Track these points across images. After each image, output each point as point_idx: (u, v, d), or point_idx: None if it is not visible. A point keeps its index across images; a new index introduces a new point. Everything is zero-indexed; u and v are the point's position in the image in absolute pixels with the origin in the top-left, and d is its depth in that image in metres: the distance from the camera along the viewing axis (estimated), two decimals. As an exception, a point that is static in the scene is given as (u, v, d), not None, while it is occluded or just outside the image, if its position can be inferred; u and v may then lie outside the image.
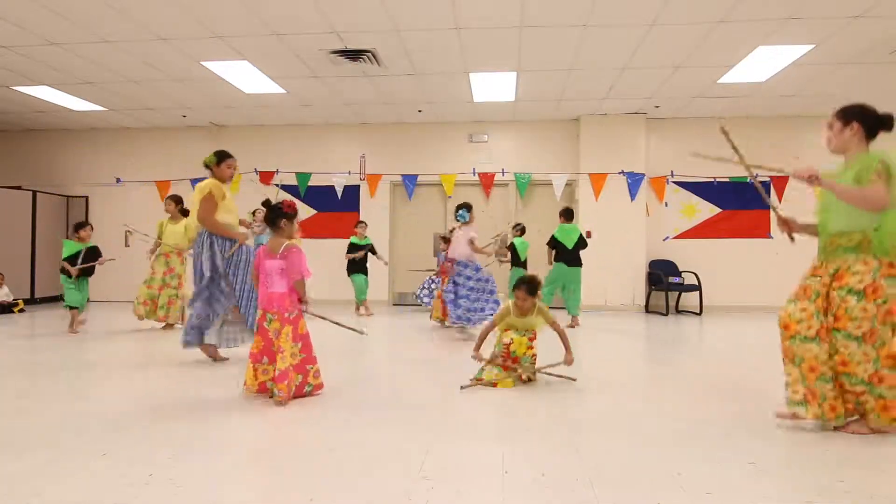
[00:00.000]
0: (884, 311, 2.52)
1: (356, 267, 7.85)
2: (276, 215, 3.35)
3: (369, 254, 7.93)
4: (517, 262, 7.32)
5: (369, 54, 6.17)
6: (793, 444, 2.51)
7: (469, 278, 5.78)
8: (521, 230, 7.50)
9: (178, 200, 6.33)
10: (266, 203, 3.49)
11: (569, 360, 3.64)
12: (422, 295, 7.94)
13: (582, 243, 6.85)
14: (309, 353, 3.27)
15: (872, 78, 6.80)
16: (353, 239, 7.93)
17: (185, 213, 6.24)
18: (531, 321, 3.72)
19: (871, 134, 2.64)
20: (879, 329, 2.52)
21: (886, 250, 2.54)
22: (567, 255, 6.76)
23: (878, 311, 2.51)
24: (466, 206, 6.06)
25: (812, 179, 2.61)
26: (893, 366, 2.51)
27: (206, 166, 4.29)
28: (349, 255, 7.86)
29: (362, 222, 8.07)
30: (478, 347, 3.76)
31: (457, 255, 5.83)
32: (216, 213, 4.14)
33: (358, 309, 7.92)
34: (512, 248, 7.34)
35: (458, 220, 6.06)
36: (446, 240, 8.18)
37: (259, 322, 3.30)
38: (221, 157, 4.29)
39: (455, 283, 5.78)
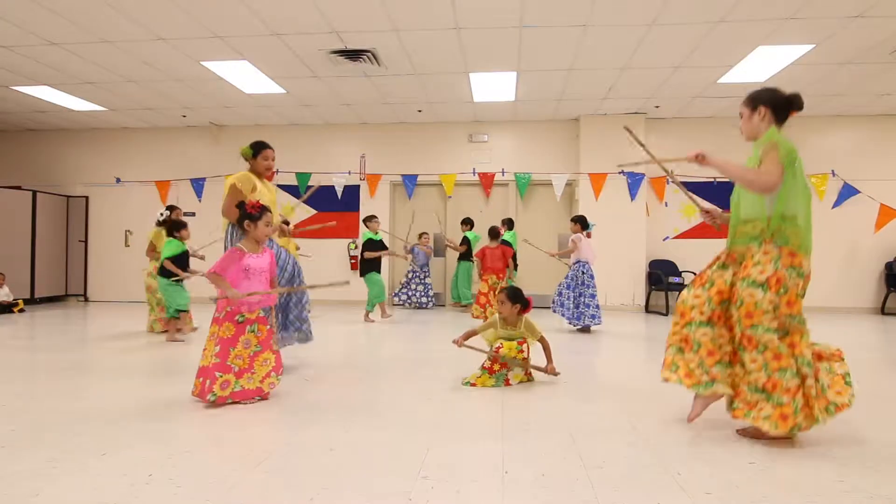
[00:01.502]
0: (784, 302, 2.42)
1: (372, 266, 7.08)
2: (239, 216, 3.23)
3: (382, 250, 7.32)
4: (468, 255, 8.21)
5: (369, 54, 6.17)
6: (792, 444, 2.51)
7: (593, 276, 6.27)
8: (470, 225, 8.33)
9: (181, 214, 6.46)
10: (239, 205, 3.33)
11: (551, 370, 3.72)
12: (414, 297, 8.50)
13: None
14: (223, 361, 3.03)
15: (872, 78, 6.80)
16: (368, 234, 7.17)
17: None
18: (520, 334, 3.73)
19: (780, 117, 2.59)
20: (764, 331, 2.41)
21: (787, 238, 2.45)
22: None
23: (780, 302, 2.42)
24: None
25: (699, 158, 2.64)
26: (781, 368, 2.39)
27: (245, 158, 3.98)
28: (370, 254, 7.05)
29: (374, 217, 7.31)
30: (465, 337, 3.73)
31: (590, 259, 6.30)
32: None
33: (367, 315, 7.15)
34: (466, 241, 8.21)
35: (589, 229, 6.49)
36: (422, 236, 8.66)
37: None
38: (258, 148, 3.93)
39: (583, 284, 6.20)
